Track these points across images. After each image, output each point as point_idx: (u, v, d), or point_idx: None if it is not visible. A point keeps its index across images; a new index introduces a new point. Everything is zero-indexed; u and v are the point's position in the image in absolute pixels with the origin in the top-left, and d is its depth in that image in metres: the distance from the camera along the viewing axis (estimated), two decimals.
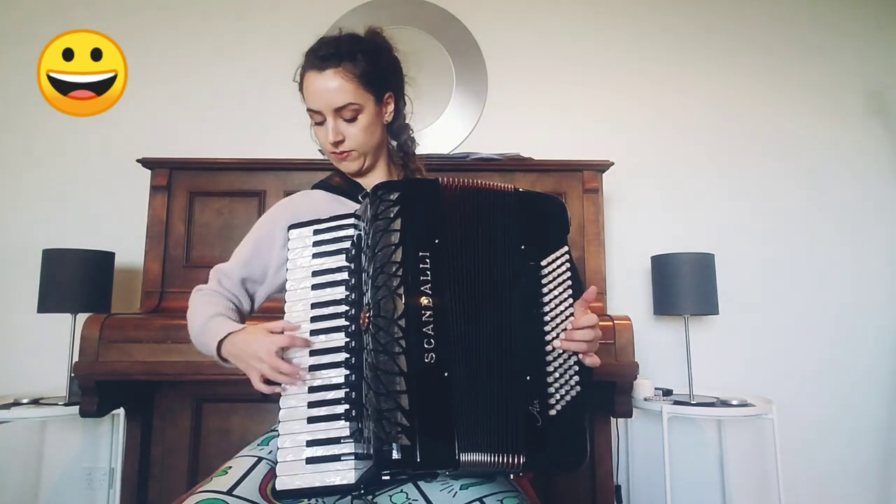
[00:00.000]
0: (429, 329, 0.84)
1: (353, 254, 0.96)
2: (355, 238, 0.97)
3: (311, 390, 0.92)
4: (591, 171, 2.05)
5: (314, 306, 0.97)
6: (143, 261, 1.99)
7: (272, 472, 0.96)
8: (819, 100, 2.51)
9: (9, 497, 2.19)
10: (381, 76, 1.14)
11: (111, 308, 1.96)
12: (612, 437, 2.00)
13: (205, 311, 1.08)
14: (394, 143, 1.26)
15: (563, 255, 0.95)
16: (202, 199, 2.04)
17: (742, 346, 2.36)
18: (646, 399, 2.04)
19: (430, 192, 0.94)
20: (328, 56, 1.09)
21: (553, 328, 0.91)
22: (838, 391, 2.35)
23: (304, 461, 0.89)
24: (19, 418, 1.87)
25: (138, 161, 2.02)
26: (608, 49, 2.51)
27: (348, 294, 0.95)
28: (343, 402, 0.89)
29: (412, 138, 1.27)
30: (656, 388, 2.11)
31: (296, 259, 1.01)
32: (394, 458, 0.79)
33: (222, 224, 2.03)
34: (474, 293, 0.89)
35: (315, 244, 1.00)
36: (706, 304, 2.04)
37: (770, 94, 2.51)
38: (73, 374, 1.78)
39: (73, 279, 1.91)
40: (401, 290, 0.85)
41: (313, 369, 0.93)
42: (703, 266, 2.05)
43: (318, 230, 1.01)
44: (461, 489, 0.91)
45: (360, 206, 0.99)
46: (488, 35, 2.50)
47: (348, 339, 0.92)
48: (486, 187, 0.97)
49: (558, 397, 0.87)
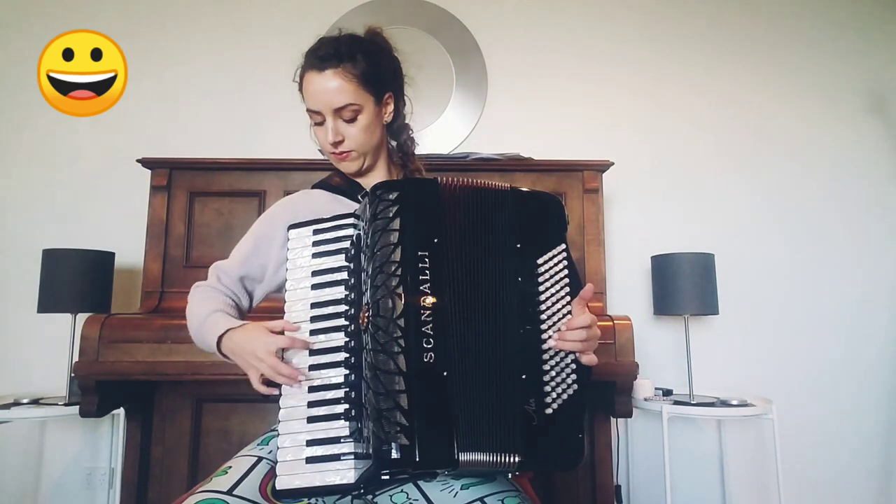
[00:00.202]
0: (428, 329, 0.84)
1: (353, 253, 0.96)
2: (355, 238, 0.97)
3: (311, 390, 0.92)
4: (591, 171, 2.04)
5: (314, 306, 0.97)
6: (143, 261, 1.99)
7: (272, 472, 0.96)
8: (820, 98, 2.51)
9: (9, 497, 2.19)
10: (381, 76, 1.14)
11: (111, 308, 1.96)
12: (612, 437, 1.99)
13: (204, 306, 1.08)
14: (393, 143, 1.26)
15: (560, 253, 0.95)
16: (202, 199, 2.04)
17: (742, 346, 2.36)
18: (646, 399, 2.04)
19: (428, 192, 0.94)
20: (328, 56, 1.09)
21: (550, 326, 0.91)
22: (838, 391, 2.35)
23: (304, 461, 0.89)
24: (19, 418, 1.88)
25: (138, 161, 2.02)
26: (608, 48, 2.51)
27: (348, 294, 0.95)
28: (342, 401, 0.89)
29: (412, 138, 1.27)
30: (656, 388, 2.11)
31: (295, 259, 1.01)
32: (393, 457, 0.79)
33: (222, 224, 2.03)
34: (472, 292, 0.89)
35: (315, 244, 1.00)
36: (706, 304, 2.04)
37: (771, 94, 2.51)
38: (73, 374, 1.78)
39: (73, 279, 1.91)
40: (400, 290, 0.85)
41: (313, 369, 0.93)
42: (703, 266, 2.05)
43: (317, 230, 1.01)
44: (462, 489, 0.91)
45: (359, 206, 0.99)
46: (488, 35, 2.50)
47: (348, 339, 0.92)
48: (483, 186, 0.97)
49: (554, 396, 0.87)
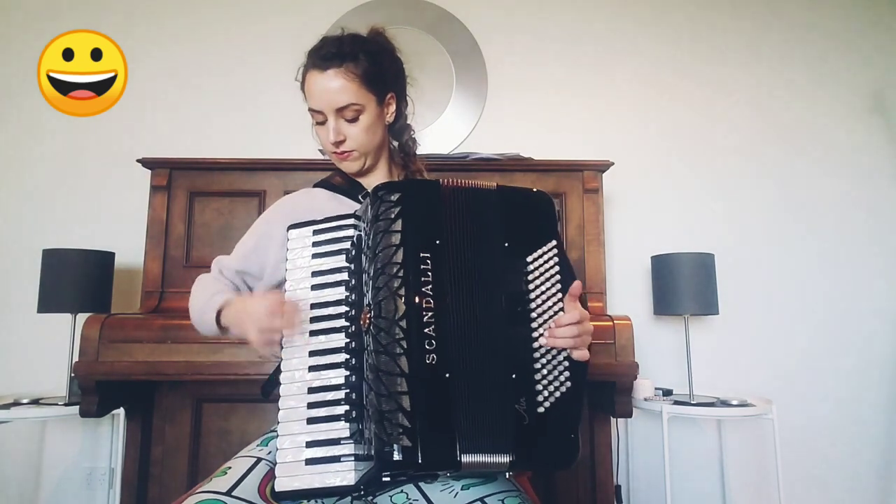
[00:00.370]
0: (430, 330, 0.84)
1: (354, 254, 0.96)
2: (355, 239, 0.97)
3: (311, 391, 0.92)
4: (591, 171, 2.04)
5: (313, 307, 0.96)
6: (143, 261, 1.98)
7: (271, 473, 0.96)
8: (820, 100, 2.51)
9: (9, 497, 2.19)
10: (384, 77, 1.14)
11: (111, 308, 1.96)
12: (612, 437, 1.99)
13: (207, 291, 1.10)
14: (395, 143, 1.26)
15: (551, 250, 0.95)
16: (202, 199, 2.04)
17: (742, 346, 2.36)
18: (646, 399, 2.04)
19: (430, 193, 0.94)
20: (330, 56, 1.09)
21: (541, 325, 0.90)
22: (838, 391, 2.35)
23: (304, 462, 0.88)
24: (19, 418, 1.87)
25: (138, 161, 2.02)
26: (608, 49, 2.51)
27: (348, 295, 0.94)
28: (343, 402, 0.89)
29: (413, 139, 1.27)
30: (656, 388, 2.11)
31: (295, 259, 1.00)
32: (395, 459, 0.78)
33: (222, 224, 2.03)
34: (467, 293, 0.89)
35: (315, 244, 1.00)
36: (706, 304, 2.04)
37: (771, 95, 2.51)
38: (73, 374, 1.78)
39: (73, 279, 1.91)
40: (402, 292, 0.85)
41: (312, 370, 0.93)
42: (703, 266, 2.05)
43: (317, 230, 1.01)
44: (462, 489, 0.91)
45: (360, 206, 0.99)
46: (488, 35, 2.50)
47: (348, 340, 0.92)
48: (471, 186, 0.96)
49: (546, 394, 0.87)
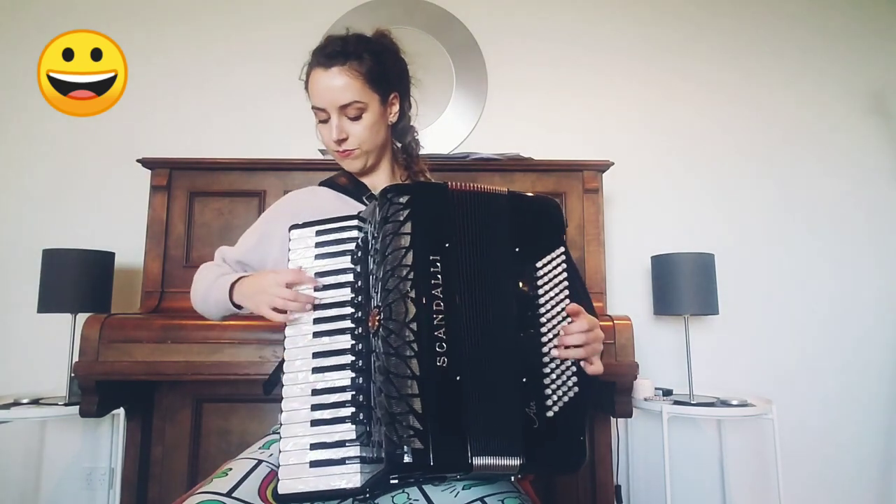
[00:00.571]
0: (440, 333, 0.84)
1: (359, 256, 0.96)
2: (360, 240, 0.97)
3: (315, 393, 0.92)
4: (591, 171, 2.04)
5: (317, 307, 0.96)
6: (143, 261, 1.98)
7: (272, 475, 0.96)
8: (820, 101, 2.51)
9: (9, 497, 2.19)
10: (387, 76, 1.14)
11: (111, 308, 1.95)
12: (612, 437, 1.99)
13: (211, 274, 1.13)
14: (398, 144, 1.26)
15: (559, 255, 0.95)
16: (202, 199, 2.04)
17: (742, 346, 2.36)
18: (646, 399, 2.04)
19: (439, 196, 0.93)
20: (335, 54, 1.09)
21: (549, 329, 0.91)
22: (838, 391, 2.35)
23: (308, 464, 0.88)
24: (19, 418, 1.87)
25: (138, 161, 2.02)
26: (609, 49, 2.51)
27: (354, 296, 0.94)
28: (349, 404, 0.89)
29: (416, 140, 1.27)
30: (656, 388, 2.11)
31: (297, 259, 1.00)
32: (406, 461, 0.78)
33: (222, 224, 2.03)
34: (480, 296, 0.89)
35: (318, 245, 1.00)
36: (706, 304, 2.04)
37: (771, 96, 2.51)
38: (73, 374, 1.78)
39: (73, 279, 1.91)
40: (412, 294, 0.85)
41: (316, 371, 0.93)
42: (703, 266, 2.05)
43: (320, 231, 1.01)
44: (463, 489, 0.91)
45: (365, 207, 0.99)
46: (488, 35, 2.50)
47: (354, 342, 0.92)
48: (482, 190, 0.96)
49: (555, 399, 0.87)
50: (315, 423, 0.90)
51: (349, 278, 0.96)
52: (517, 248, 0.93)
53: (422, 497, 0.92)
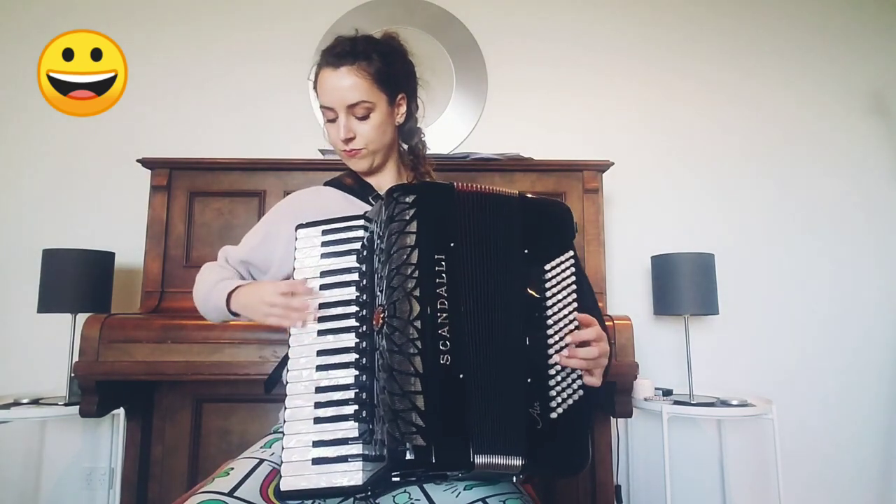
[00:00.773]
0: (444, 331, 0.84)
1: (365, 255, 0.96)
2: (366, 240, 0.97)
3: (318, 391, 0.92)
4: (591, 171, 2.04)
5: (322, 306, 0.97)
6: (143, 261, 1.98)
7: (274, 474, 0.97)
8: (820, 101, 2.52)
9: (9, 497, 2.18)
10: (395, 77, 1.15)
11: (111, 308, 1.95)
12: (612, 437, 1.99)
13: (212, 277, 1.12)
14: (405, 146, 1.27)
15: (568, 259, 0.95)
16: (202, 199, 2.04)
17: (742, 346, 2.36)
18: (646, 399, 2.04)
19: (445, 196, 0.93)
20: (344, 54, 1.11)
21: (556, 332, 0.91)
22: (838, 391, 2.35)
23: (310, 462, 0.88)
24: (19, 418, 1.87)
25: (138, 161, 2.02)
26: (609, 49, 2.52)
27: (359, 295, 0.94)
28: (352, 402, 0.89)
29: (423, 142, 1.28)
30: (656, 388, 2.11)
31: (303, 259, 1.00)
32: (408, 458, 0.78)
33: (222, 224, 2.02)
34: (483, 296, 0.89)
35: (324, 244, 1.00)
36: (706, 304, 2.04)
37: (771, 95, 2.51)
38: (73, 374, 1.78)
39: (73, 279, 1.91)
40: (417, 292, 0.85)
41: (320, 369, 0.93)
42: (703, 266, 2.05)
43: (326, 230, 1.01)
44: (465, 489, 0.91)
45: (371, 207, 0.99)
46: (488, 35, 2.50)
47: (358, 340, 0.92)
48: (493, 192, 0.97)
49: (560, 400, 0.87)
50: (318, 420, 0.90)
51: (354, 277, 0.96)
52: (526, 250, 0.93)
53: (423, 497, 0.92)
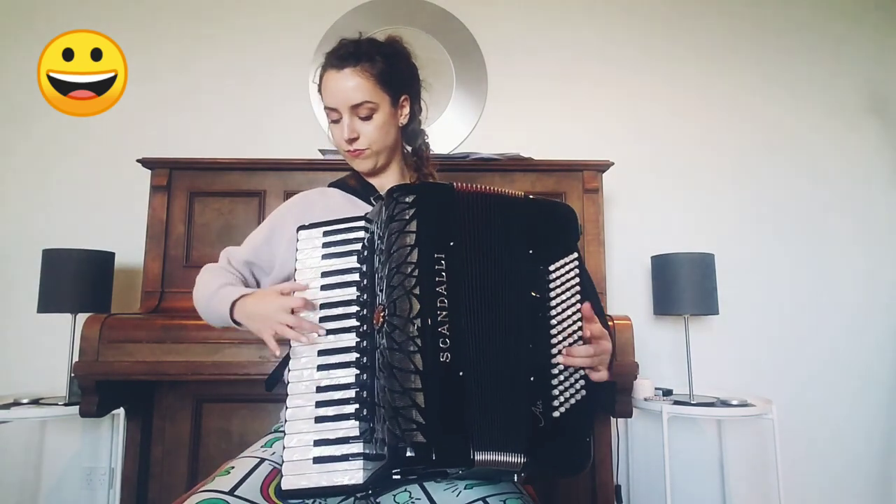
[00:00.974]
0: (444, 329, 0.84)
1: (366, 255, 0.96)
2: (366, 240, 0.98)
3: (319, 390, 0.92)
4: (591, 171, 2.04)
5: (323, 306, 0.97)
6: (143, 261, 1.98)
7: (274, 473, 0.97)
8: (820, 100, 2.52)
9: (9, 497, 2.18)
10: (398, 78, 1.17)
11: (111, 308, 1.95)
12: (612, 437, 1.99)
13: (214, 281, 1.11)
14: (408, 147, 1.28)
15: (573, 261, 0.96)
16: (202, 199, 2.04)
17: (742, 346, 2.36)
18: (646, 399, 2.04)
19: (444, 196, 0.94)
20: (347, 56, 1.12)
21: (559, 332, 0.91)
22: (838, 391, 2.35)
23: (311, 461, 0.88)
24: (19, 418, 1.87)
25: (138, 161, 2.02)
26: (608, 48, 2.52)
27: (360, 295, 0.95)
28: (353, 401, 0.89)
29: (427, 144, 1.29)
30: (656, 388, 2.11)
31: (305, 259, 1.01)
32: (408, 455, 0.78)
33: (222, 224, 2.02)
34: (485, 295, 0.89)
35: (325, 245, 1.01)
36: (706, 304, 2.04)
37: (771, 95, 2.52)
38: (73, 374, 1.77)
39: (73, 279, 1.91)
40: (417, 290, 0.85)
41: (321, 369, 0.93)
42: (703, 266, 2.05)
43: (327, 231, 1.02)
44: (465, 489, 0.91)
45: (372, 209, 1.00)
46: (488, 35, 2.50)
47: (359, 340, 0.92)
48: (497, 192, 0.97)
49: (562, 399, 0.88)
50: (319, 419, 0.90)
51: (355, 277, 0.97)
52: (531, 251, 0.94)
53: (424, 496, 0.92)
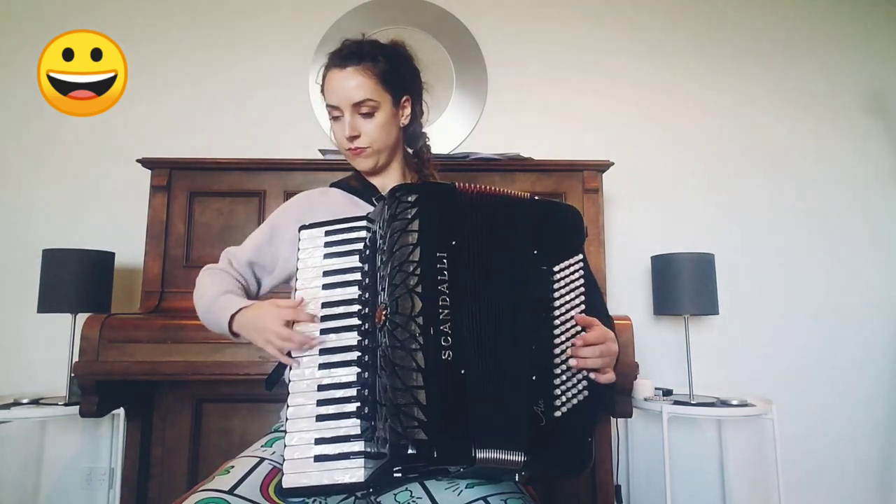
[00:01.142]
0: (446, 327, 0.84)
1: (368, 254, 0.97)
2: (368, 240, 0.98)
3: (321, 388, 0.92)
4: (591, 171, 2.04)
5: (325, 305, 0.97)
6: (143, 261, 1.98)
7: (274, 472, 0.97)
8: (819, 101, 2.52)
9: (9, 497, 2.18)
10: (400, 79, 1.18)
11: (111, 308, 1.95)
12: (612, 437, 1.99)
13: (215, 287, 1.11)
14: (409, 149, 1.28)
15: (577, 262, 0.96)
16: (202, 199, 2.04)
17: (742, 346, 2.36)
18: (646, 399, 2.04)
19: (446, 195, 0.95)
20: (350, 55, 1.14)
21: (562, 332, 0.91)
22: (838, 391, 2.35)
23: (312, 459, 0.88)
24: (19, 418, 1.87)
25: (138, 161, 2.02)
26: (609, 49, 2.52)
27: (361, 294, 0.95)
28: (354, 399, 0.90)
29: (428, 146, 1.29)
30: (656, 388, 2.11)
31: (306, 259, 1.01)
32: (409, 452, 0.79)
33: (222, 224, 2.02)
34: (488, 294, 0.89)
35: (327, 245, 1.01)
36: (706, 304, 2.04)
37: (770, 96, 2.52)
38: (73, 374, 1.78)
39: (73, 279, 1.90)
40: (419, 289, 0.86)
41: (323, 367, 0.93)
42: (703, 266, 2.05)
43: (329, 231, 1.02)
44: (467, 488, 0.91)
45: (374, 209, 1.00)
46: (488, 35, 2.50)
47: (361, 338, 0.92)
48: (503, 193, 0.97)
49: (564, 400, 0.88)
50: (320, 418, 0.91)
51: (357, 277, 0.97)
52: (536, 251, 0.94)
53: (425, 495, 0.92)
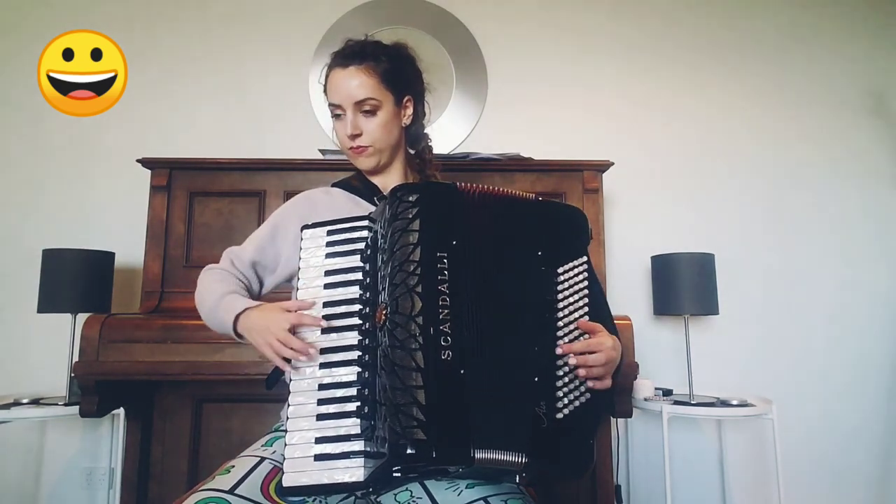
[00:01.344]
0: (446, 327, 0.84)
1: (369, 254, 0.97)
2: (370, 240, 0.98)
3: (321, 388, 0.92)
4: (591, 171, 2.04)
5: (326, 305, 0.98)
6: (143, 261, 1.98)
7: (275, 472, 0.97)
8: (820, 101, 2.52)
9: (9, 497, 2.18)
10: (402, 78, 1.18)
11: (111, 308, 1.95)
12: (612, 437, 1.99)
13: (218, 287, 1.10)
14: (411, 150, 1.28)
15: (581, 264, 0.96)
16: (202, 199, 2.04)
17: (742, 346, 2.36)
18: (646, 399, 2.04)
19: (447, 195, 0.95)
20: (352, 55, 1.14)
21: (565, 334, 0.91)
22: (838, 391, 2.35)
23: (313, 458, 0.89)
24: (19, 418, 1.87)
25: (138, 161, 2.01)
26: (609, 49, 2.52)
27: (362, 293, 0.95)
28: (354, 399, 0.90)
29: (430, 147, 1.30)
30: (656, 388, 2.11)
31: (308, 258, 1.02)
32: (409, 452, 0.79)
33: (222, 224, 2.02)
34: (490, 294, 0.89)
35: (329, 244, 1.01)
36: (706, 304, 2.04)
37: (771, 95, 2.52)
38: (73, 374, 1.78)
39: (73, 279, 1.91)
40: (419, 288, 0.86)
41: (324, 367, 0.94)
42: (703, 266, 2.05)
43: (331, 231, 1.03)
44: (467, 488, 0.91)
45: (375, 209, 1.00)
46: (488, 35, 2.50)
47: (361, 338, 0.92)
48: (505, 193, 0.98)
49: (566, 401, 0.88)
50: (321, 417, 0.91)
51: (358, 276, 0.97)
52: (539, 252, 0.94)
53: (425, 495, 0.92)
